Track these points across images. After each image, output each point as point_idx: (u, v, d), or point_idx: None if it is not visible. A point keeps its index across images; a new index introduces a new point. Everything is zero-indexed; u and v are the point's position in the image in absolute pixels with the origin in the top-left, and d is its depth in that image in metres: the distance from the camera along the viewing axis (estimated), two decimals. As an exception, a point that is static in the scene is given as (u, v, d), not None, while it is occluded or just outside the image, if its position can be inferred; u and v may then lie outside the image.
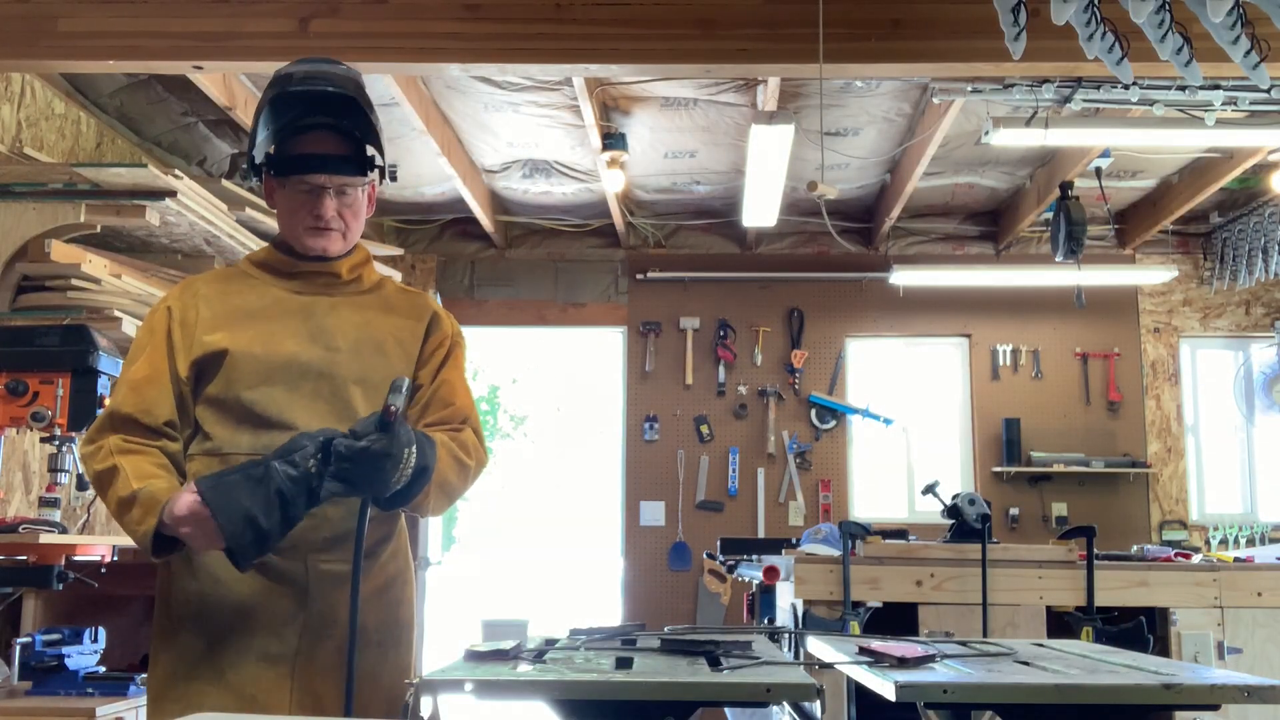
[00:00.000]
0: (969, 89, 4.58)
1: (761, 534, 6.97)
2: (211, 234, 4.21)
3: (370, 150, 2.09)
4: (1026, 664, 2.00)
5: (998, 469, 7.07)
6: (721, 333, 7.26)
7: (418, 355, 2.12)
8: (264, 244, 4.65)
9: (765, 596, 4.49)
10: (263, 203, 4.74)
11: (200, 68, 3.82)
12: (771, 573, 4.04)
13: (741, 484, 7.14)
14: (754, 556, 4.75)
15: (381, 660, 2.03)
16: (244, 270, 2.14)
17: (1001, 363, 7.24)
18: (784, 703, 2.49)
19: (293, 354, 2.02)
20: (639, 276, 7.31)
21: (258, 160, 2.07)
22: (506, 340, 10.65)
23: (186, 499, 1.81)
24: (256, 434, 1.98)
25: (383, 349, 2.08)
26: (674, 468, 7.14)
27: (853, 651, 2.09)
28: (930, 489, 3.85)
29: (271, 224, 4.66)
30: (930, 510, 5.04)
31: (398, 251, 6.50)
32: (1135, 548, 4.28)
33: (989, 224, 7.27)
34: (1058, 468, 6.97)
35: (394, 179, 2.19)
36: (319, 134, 2.05)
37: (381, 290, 2.17)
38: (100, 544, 3.40)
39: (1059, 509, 7.01)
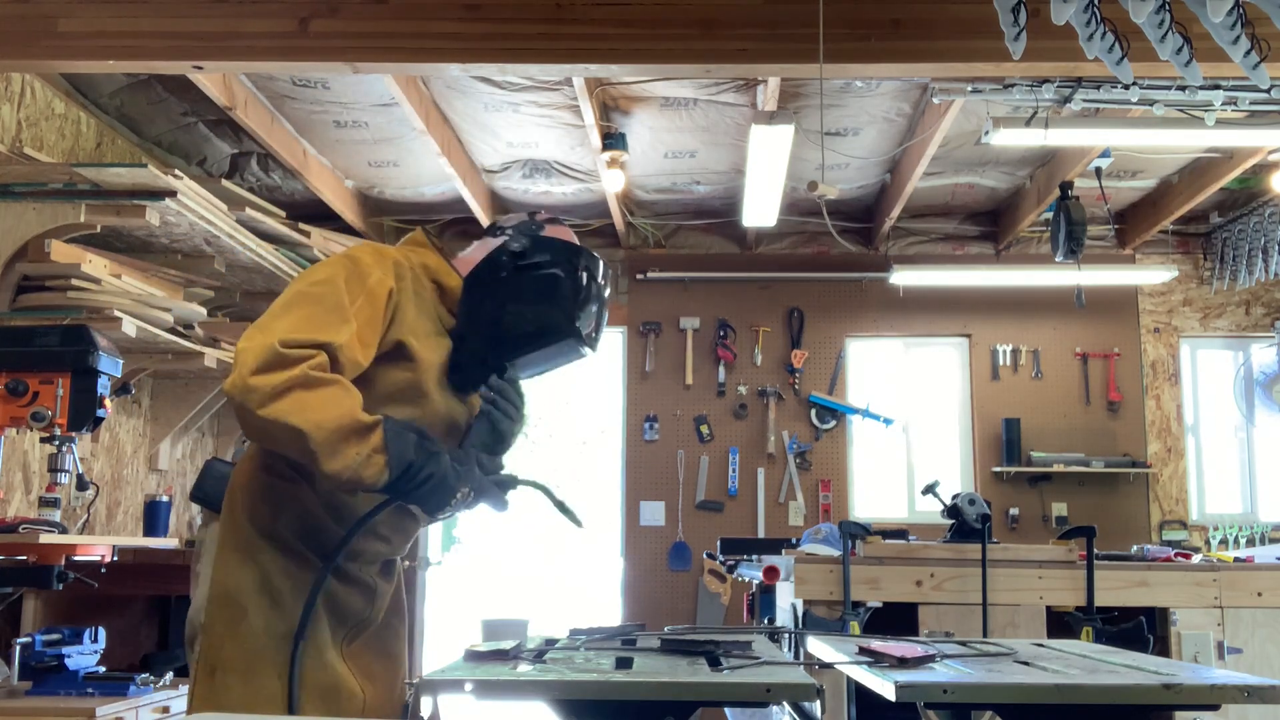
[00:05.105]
0: (969, 89, 4.57)
1: (761, 534, 6.96)
2: (211, 234, 4.21)
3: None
4: (1026, 664, 2.00)
5: (998, 469, 7.07)
6: (721, 333, 7.26)
7: None
8: (265, 244, 4.67)
9: (765, 596, 4.49)
10: (262, 202, 4.77)
11: (200, 68, 3.81)
12: (771, 573, 4.04)
13: (741, 484, 7.13)
14: (754, 556, 4.75)
15: (396, 639, 2.21)
16: (420, 277, 2.18)
17: (1001, 363, 7.23)
18: (784, 703, 2.48)
19: (449, 408, 2.14)
20: (639, 276, 7.31)
21: (580, 329, 2.21)
22: (506, 340, 10.64)
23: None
24: None
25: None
26: (674, 468, 7.14)
27: (853, 651, 2.09)
28: (930, 489, 3.86)
29: (271, 223, 4.67)
30: (930, 510, 5.04)
31: (398, 251, 6.49)
32: (1135, 548, 4.27)
33: (989, 224, 7.27)
34: (1058, 468, 6.96)
35: None
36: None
37: None
38: (100, 544, 3.41)
39: (1059, 509, 7.01)
